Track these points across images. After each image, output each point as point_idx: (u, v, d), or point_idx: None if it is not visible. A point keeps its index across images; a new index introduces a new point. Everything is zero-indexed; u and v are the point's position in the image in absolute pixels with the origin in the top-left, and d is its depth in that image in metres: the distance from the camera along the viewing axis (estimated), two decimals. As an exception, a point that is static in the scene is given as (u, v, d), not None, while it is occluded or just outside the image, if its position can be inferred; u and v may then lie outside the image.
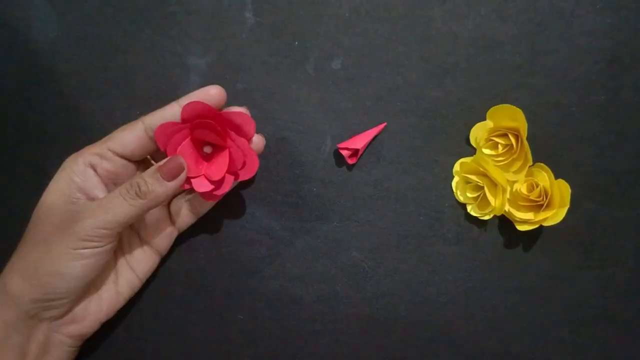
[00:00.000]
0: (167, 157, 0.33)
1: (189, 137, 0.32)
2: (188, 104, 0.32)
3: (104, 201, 0.31)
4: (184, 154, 0.32)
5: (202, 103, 0.32)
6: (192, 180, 0.33)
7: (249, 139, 0.33)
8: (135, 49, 0.37)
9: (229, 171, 0.33)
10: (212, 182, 0.33)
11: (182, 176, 0.32)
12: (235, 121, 0.32)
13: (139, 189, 0.31)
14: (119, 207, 0.31)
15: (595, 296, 0.38)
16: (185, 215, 0.36)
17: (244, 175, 0.33)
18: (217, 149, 0.33)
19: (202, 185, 0.33)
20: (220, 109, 0.33)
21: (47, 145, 0.37)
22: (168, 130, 0.32)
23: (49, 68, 0.37)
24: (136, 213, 0.31)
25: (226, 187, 0.33)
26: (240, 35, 0.37)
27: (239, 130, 0.33)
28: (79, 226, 0.30)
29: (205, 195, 0.34)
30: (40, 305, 0.31)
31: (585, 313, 0.38)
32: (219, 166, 0.33)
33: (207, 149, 0.33)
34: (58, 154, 0.33)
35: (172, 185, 0.31)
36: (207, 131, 0.32)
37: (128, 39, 0.37)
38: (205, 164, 0.33)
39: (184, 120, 0.32)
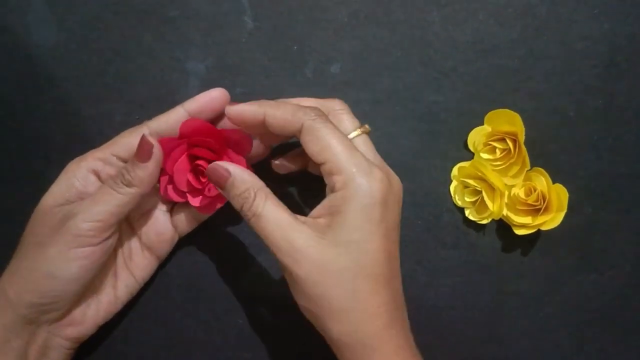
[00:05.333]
0: (165, 170, 0.33)
1: (186, 154, 0.33)
2: (187, 121, 0.32)
3: (94, 195, 0.31)
4: (180, 170, 0.33)
5: (201, 121, 0.32)
6: (189, 195, 0.34)
7: (246, 155, 0.33)
8: (134, 54, 0.37)
9: None
10: (208, 197, 0.33)
11: (156, 152, 0.31)
12: (232, 138, 0.33)
13: (123, 177, 0.31)
14: (109, 197, 0.31)
15: (593, 300, 0.38)
16: (186, 220, 0.36)
17: None
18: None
19: (198, 200, 0.34)
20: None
21: (47, 151, 0.37)
22: (165, 146, 0.32)
23: (48, 73, 0.37)
24: (127, 201, 0.31)
25: (222, 202, 0.34)
26: (240, 40, 0.37)
27: (237, 147, 0.33)
28: (72, 222, 0.30)
29: (202, 209, 0.34)
30: (37, 310, 0.31)
31: (583, 317, 0.38)
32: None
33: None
34: (57, 159, 0.33)
35: (151, 165, 0.31)
36: (203, 149, 0.32)
37: (127, 44, 0.37)
38: (202, 179, 0.33)
39: (182, 136, 0.32)
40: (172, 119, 0.33)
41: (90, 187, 0.32)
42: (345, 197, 0.29)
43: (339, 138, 0.29)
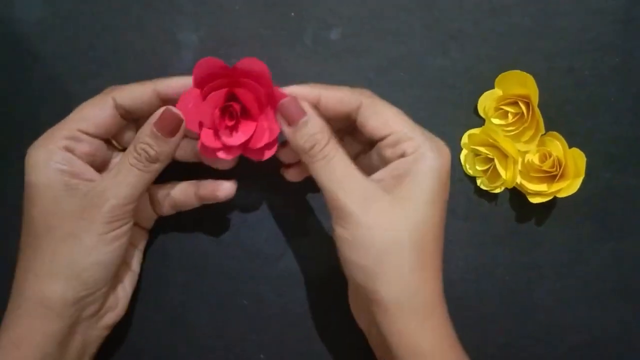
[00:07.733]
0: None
1: (225, 90, 0.30)
2: (202, 60, 0.30)
3: (118, 177, 0.30)
4: (208, 104, 0.30)
5: (216, 60, 0.30)
6: (203, 131, 0.31)
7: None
8: (123, 26, 0.36)
9: (244, 144, 0.31)
10: (222, 143, 0.31)
11: (183, 126, 0.30)
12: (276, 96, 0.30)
13: (148, 154, 0.30)
14: (136, 178, 0.30)
15: (611, 270, 0.37)
16: (164, 206, 0.34)
17: (257, 155, 0.32)
18: (246, 116, 0.31)
19: (210, 140, 0.31)
20: None
21: (36, 133, 0.35)
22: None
23: (34, 50, 0.36)
24: (152, 178, 0.30)
25: (231, 155, 0.32)
26: (233, 7, 0.36)
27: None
28: (104, 210, 0.29)
29: (207, 151, 0.32)
30: (81, 304, 0.30)
31: (601, 287, 0.37)
32: (239, 133, 0.31)
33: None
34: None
35: (177, 139, 0.30)
36: (250, 95, 0.30)
37: (115, 16, 0.36)
38: (226, 122, 0.31)
39: (195, 81, 0.30)
40: (137, 92, 0.31)
41: (75, 166, 0.30)
42: (417, 159, 0.29)
43: (398, 111, 0.30)
